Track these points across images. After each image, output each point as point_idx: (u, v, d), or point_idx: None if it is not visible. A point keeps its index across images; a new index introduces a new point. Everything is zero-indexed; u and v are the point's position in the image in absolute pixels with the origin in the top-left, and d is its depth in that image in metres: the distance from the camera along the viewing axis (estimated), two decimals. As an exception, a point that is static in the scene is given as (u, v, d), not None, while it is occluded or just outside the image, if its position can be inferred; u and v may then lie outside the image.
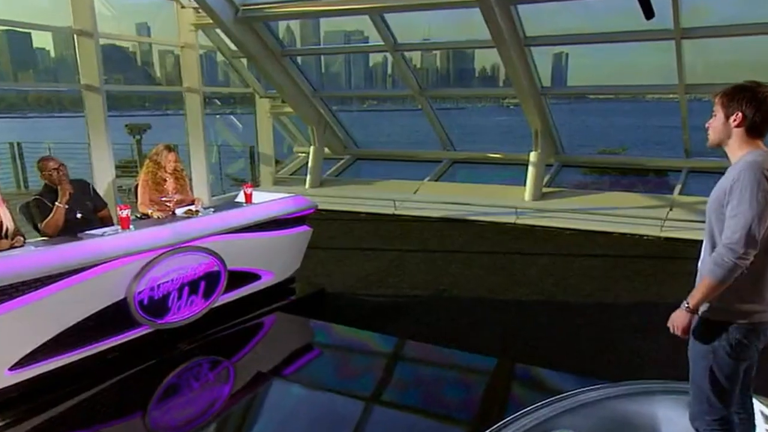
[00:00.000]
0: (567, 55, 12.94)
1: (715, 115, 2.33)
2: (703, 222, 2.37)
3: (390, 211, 9.33)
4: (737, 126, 2.26)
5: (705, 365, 2.37)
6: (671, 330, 2.39)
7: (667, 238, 7.54)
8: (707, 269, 2.24)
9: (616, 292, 5.79)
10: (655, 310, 5.27)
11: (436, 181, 10.50)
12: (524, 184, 9.26)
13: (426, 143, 12.66)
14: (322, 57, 12.63)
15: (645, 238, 7.65)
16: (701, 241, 2.36)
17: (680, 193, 8.59)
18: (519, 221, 8.53)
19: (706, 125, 2.37)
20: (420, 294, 5.80)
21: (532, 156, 9.28)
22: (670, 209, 8.14)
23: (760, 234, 2.17)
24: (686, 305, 2.32)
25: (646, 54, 8.78)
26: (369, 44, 10.82)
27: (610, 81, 10.16)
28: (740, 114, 2.24)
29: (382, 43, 9.40)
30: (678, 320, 2.36)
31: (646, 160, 9.89)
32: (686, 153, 9.13)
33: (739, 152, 2.28)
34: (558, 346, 4.58)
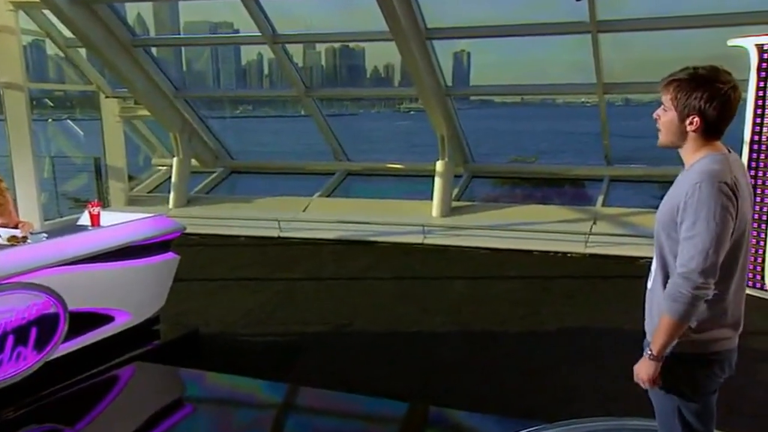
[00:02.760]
0: (469, 54, 13.46)
1: (666, 110, 2.28)
2: (631, 236, 2.39)
3: (274, 233, 9.23)
4: (694, 131, 2.23)
5: (672, 406, 2.37)
6: (640, 384, 2.36)
7: (592, 255, 7.90)
8: (665, 306, 2.22)
9: (541, 318, 5.97)
10: (587, 336, 5.50)
11: (329, 196, 10.54)
12: (431, 199, 9.44)
13: (315, 153, 12.69)
14: (183, 52, 12.29)
15: (569, 255, 7.99)
16: (630, 258, 2.39)
17: (603, 205, 9.11)
18: (427, 241, 8.65)
19: (655, 116, 2.33)
20: (315, 330, 5.72)
21: (439, 166, 9.48)
22: (594, 222, 8.58)
23: (720, 259, 2.15)
24: (649, 353, 2.28)
25: (559, 51, 9.35)
26: (243, 35, 10.66)
27: (521, 81, 10.63)
28: (698, 119, 2.20)
29: (259, 34, 9.27)
30: (643, 372, 2.32)
31: (565, 169, 10.43)
32: (607, 160, 9.72)
33: (694, 156, 2.27)
34: (480, 382, 4.63)
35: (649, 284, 2.42)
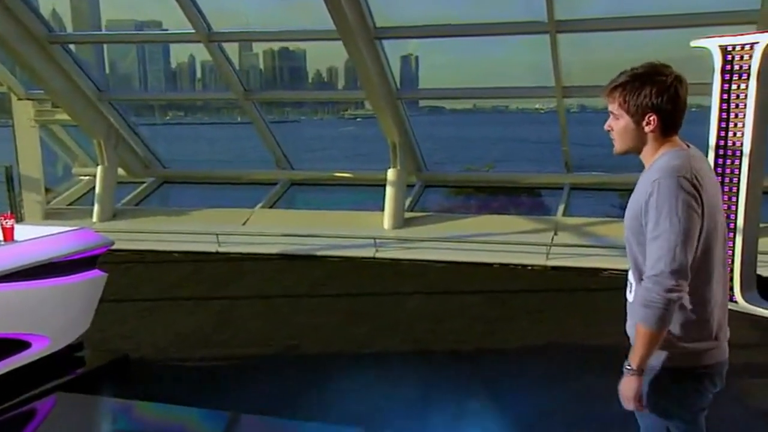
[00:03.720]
0: (417, 58, 13.58)
1: (618, 118, 2.32)
2: (594, 247, 2.39)
3: (212, 248, 9.08)
4: (653, 130, 2.28)
5: (660, 427, 2.36)
6: (624, 404, 2.34)
7: (554, 267, 7.98)
8: (638, 315, 2.23)
9: (504, 335, 5.99)
10: (553, 354, 5.52)
11: (271, 207, 10.45)
12: (382, 209, 9.43)
13: (255, 162, 12.58)
14: (106, 52, 12.02)
15: (530, 268, 8.07)
16: (593, 270, 2.39)
17: (564, 214, 9.24)
18: (379, 254, 8.63)
19: (606, 128, 2.38)
20: (259, 353, 5.65)
21: (390, 174, 9.49)
22: (555, 233, 8.70)
23: (690, 257, 2.17)
24: (629, 368, 2.27)
25: (516, 52, 9.52)
26: (175, 32, 10.47)
27: (476, 84, 10.76)
28: (655, 117, 2.25)
29: (193, 32, 9.14)
30: (627, 390, 2.30)
31: (524, 177, 10.57)
32: (567, 167, 9.89)
33: (654, 154, 2.32)
34: (443, 408, 4.58)
35: (629, 296, 2.43)
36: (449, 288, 7.44)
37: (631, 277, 2.42)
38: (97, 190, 10.38)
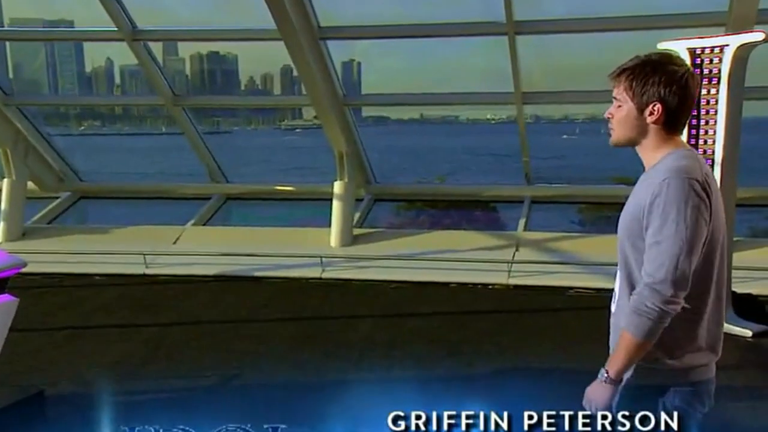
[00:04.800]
0: (359, 64, 13.58)
1: (620, 105, 2.31)
2: (558, 263, 2.35)
3: (139, 269, 8.89)
4: (655, 122, 2.27)
5: None
6: (588, 410, 2.30)
7: (517, 286, 8.01)
8: (626, 321, 2.20)
9: (467, 359, 5.94)
10: (521, 379, 5.47)
11: (205, 225, 10.37)
12: (329, 226, 9.37)
13: (185, 174, 12.36)
14: (9, 53, 11.63)
15: (490, 287, 8.07)
16: (558, 288, 2.35)
17: (525, 229, 9.31)
18: (326, 274, 8.57)
19: (606, 115, 2.37)
20: (195, 384, 5.49)
21: (337, 187, 9.44)
22: (516, 249, 8.74)
23: (692, 267, 2.15)
24: (605, 375, 2.25)
25: (472, 55, 9.55)
26: (94, 29, 10.17)
27: (429, 90, 10.79)
28: (660, 106, 2.23)
29: (115, 29, 8.93)
30: (597, 396, 2.28)
31: (483, 190, 10.64)
32: (527, 179, 9.98)
33: (656, 154, 2.30)
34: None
35: (613, 307, 2.41)
36: (404, 310, 7.37)
37: (617, 285, 2.39)
38: (3, 206, 10.02)
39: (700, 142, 6.44)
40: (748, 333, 6.27)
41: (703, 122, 6.41)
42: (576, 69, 9.95)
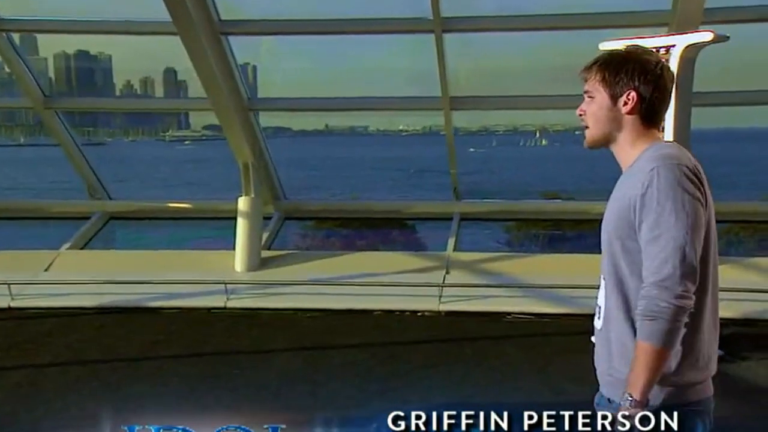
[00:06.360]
0: (255, 67, 13.40)
1: (593, 97, 2.37)
2: (493, 287, 2.28)
3: (4, 302, 8.49)
4: (630, 112, 2.31)
5: None
6: None
7: (449, 313, 7.98)
8: (640, 332, 2.18)
9: (403, 396, 5.83)
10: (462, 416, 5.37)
11: (84, 248, 10.10)
12: (233, 248, 9.21)
13: (58, 191, 11.94)
14: None
15: (419, 314, 8.02)
16: (495, 314, 2.28)
17: (455, 249, 9.30)
18: (232, 303, 8.39)
19: (578, 112, 2.42)
20: None
21: (242, 204, 9.29)
22: (447, 272, 8.71)
23: (698, 257, 2.17)
24: (629, 400, 2.19)
25: (395, 56, 9.49)
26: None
27: (345, 93, 10.71)
28: (634, 93, 2.30)
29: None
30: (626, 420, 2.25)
31: (405, 206, 10.64)
32: (456, 194, 10.00)
33: (634, 151, 2.33)
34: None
35: (599, 323, 2.40)
36: (325, 341, 7.30)
37: (601, 299, 2.39)
38: None
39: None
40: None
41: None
42: (507, 72, 10.08)
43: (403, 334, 7.45)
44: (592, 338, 2.46)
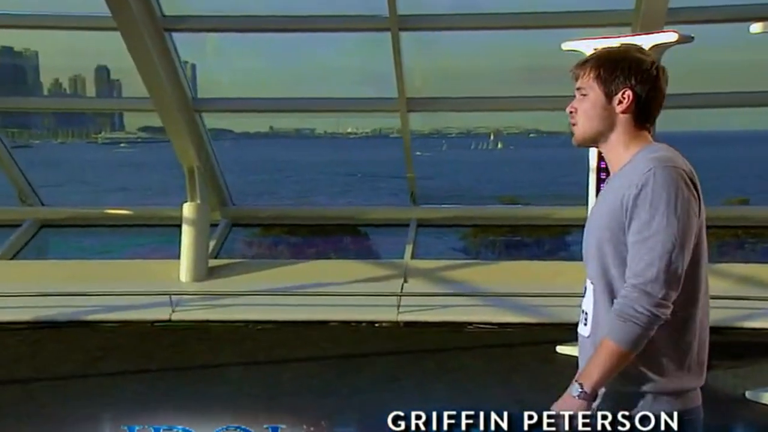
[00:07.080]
0: (194, 66, 13.29)
1: (586, 94, 2.37)
2: (453, 295, 2.27)
3: None
4: (624, 111, 2.33)
5: None
6: (556, 429, 2.27)
7: (408, 323, 7.99)
8: (609, 329, 2.22)
9: (359, 412, 5.76)
10: None
11: (14, 258, 9.99)
12: (178, 256, 9.15)
13: None
14: None
15: (377, 325, 8.04)
16: (455, 324, 2.27)
17: (413, 257, 9.32)
18: (178, 315, 8.35)
19: (569, 109, 2.42)
20: None
21: (188, 210, 9.23)
22: (405, 280, 8.72)
23: (684, 266, 2.20)
24: (579, 390, 2.24)
25: (348, 56, 9.47)
26: None
27: (295, 94, 10.69)
28: (630, 92, 2.31)
29: None
30: (567, 410, 2.27)
31: (359, 212, 10.63)
32: (413, 199, 10.02)
33: (626, 152, 2.35)
34: None
35: (586, 330, 2.41)
36: (278, 355, 7.29)
37: (588, 304, 2.38)
38: None
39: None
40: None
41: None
42: (465, 73, 10.14)
43: (361, 346, 7.46)
44: (564, 349, 2.45)
